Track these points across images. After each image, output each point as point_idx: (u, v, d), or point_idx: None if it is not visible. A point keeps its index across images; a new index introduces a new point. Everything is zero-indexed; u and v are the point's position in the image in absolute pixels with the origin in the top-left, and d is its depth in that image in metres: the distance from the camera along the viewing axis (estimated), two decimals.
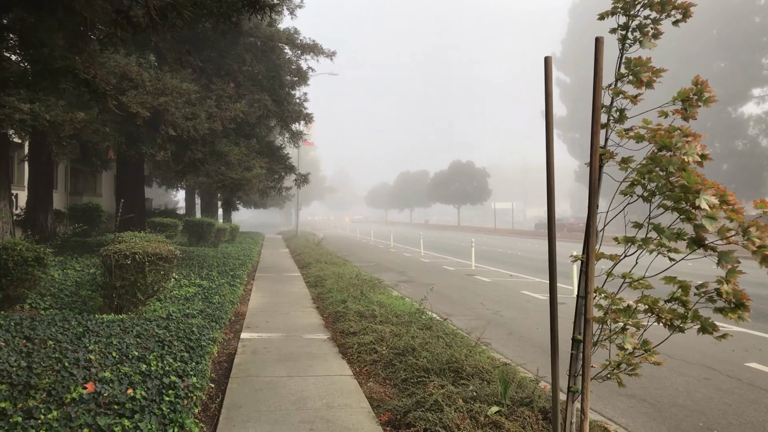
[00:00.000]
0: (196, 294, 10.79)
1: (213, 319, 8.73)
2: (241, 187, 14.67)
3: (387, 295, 11.62)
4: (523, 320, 10.53)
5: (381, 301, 10.25)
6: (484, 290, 14.47)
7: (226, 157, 14.58)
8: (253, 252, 23.54)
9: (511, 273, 18.09)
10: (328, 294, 11.77)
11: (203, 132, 14.06)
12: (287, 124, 16.42)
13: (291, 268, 18.88)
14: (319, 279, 14.36)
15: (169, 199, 76.20)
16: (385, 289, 13.53)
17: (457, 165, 72.80)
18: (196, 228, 23.13)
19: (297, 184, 17.13)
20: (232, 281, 13.17)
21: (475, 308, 11.94)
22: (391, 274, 18.39)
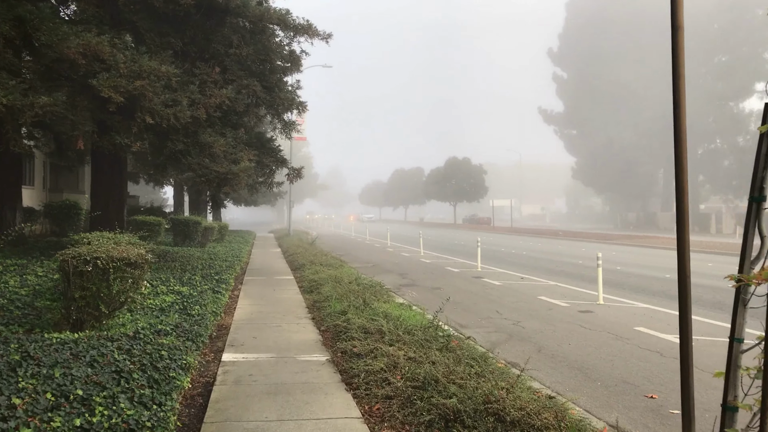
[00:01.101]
0: (174, 303, 9.37)
1: (190, 337, 7.31)
2: (227, 182, 13.24)
3: (392, 303, 10.23)
4: (549, 333, 9.17)
5: (387, 311, 8.86)
6: (497, 295, 13.12)
7: (211, 149, 13.14)
8: (243, 252, 22.10)
9: (521, 275, 16.75)
10: (325, 302, 10.36)
11: (185, 121, 12.62)
12: (279, 113, 14.97)
13: (283, 271, 17.46)
14: (315, 284, 12.95)
15: (158, 196, 74.51)
16: (388, 295, 12.14)
17: (453, 162, 71.39)
18: (182, 227, 21.66)
19: (289, 178, 15.70)
20: (217, 287, 11.75)
21: (491, 317, 10.57)
22: (392, 277, 17.02)
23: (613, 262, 20.81)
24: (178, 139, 13.27)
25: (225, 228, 28.81)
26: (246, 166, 13.04)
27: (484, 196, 71.18)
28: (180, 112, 12.52)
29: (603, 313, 10.73)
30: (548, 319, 10.33)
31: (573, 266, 19.26)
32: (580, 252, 25.92)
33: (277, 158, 15.35)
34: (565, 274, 16.96)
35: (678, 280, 3.07)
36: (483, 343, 8.38)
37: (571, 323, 9.90)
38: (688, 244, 3.07)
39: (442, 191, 72.44)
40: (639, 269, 18.33)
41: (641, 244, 30.22)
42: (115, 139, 12.11)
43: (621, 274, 16.87)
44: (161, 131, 13.36)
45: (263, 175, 15.78)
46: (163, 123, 12.41)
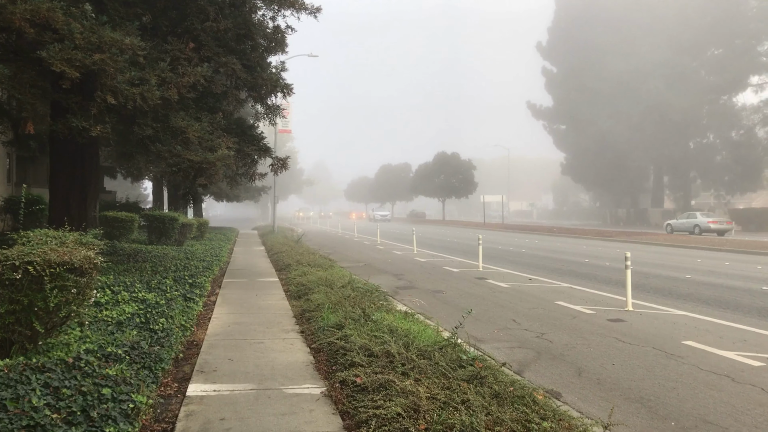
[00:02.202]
0: (136, 315, 7.79)
1: (147, 364, 5.76)
2: (202, 172, 11.64)
3: (395, 314, 8.70)
4: (583, 349, 7.71)
5: (391, 325, 7.35)
6: (508, 300, 11.65)
7: (184, 135, 11.52)
8: (223, 251, 20.46)
9: (528, 276, 15.31)
10: (316, 312, 8.82)
11: (154, 102, 11.01)
12: (261, 97, 13.36)
13: (267, 272, 15.88)
14: (303, 288, 11.39)
15: (138, 192, 72.29)
16: (386, 301, 10.63)
17: (442, 157, 69.84)
18: (157, 223, 19.99)
19: (274, 169, 14.08)
20: (190, 292, 10.16)
21: (509, 328, 9.10)
22: (387, 278, 15.51)
23: (620, 260, 19.46)
24: (147, 123, 11.65)
25: (205, 225, 27.13)
26: (224, 155, 11.44)
27: (473, 192, 69.82)
28: (148, 92, 10.90)
29: (637, 323, 9.30)
30: (576, 330, 8.88)
31: (581, 266, 17.87)
32: (582, 249, 24.58)
33: (260, 147, 13.74)
34: (576, 275, 15.56)
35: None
36: (509, 363, 6.90)
37: (604, 335, 8.45)
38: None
39: (430, 187, 70.94)
40: (654, 269, 16.98)
41: (643, 241, 28.95)
42: (71, 121, 10.45)
43: (638, 275, 15.50)
44: (127, 114, 11.75)
45: (244, 165, 14.16)
46: (128, 104, 10.79)
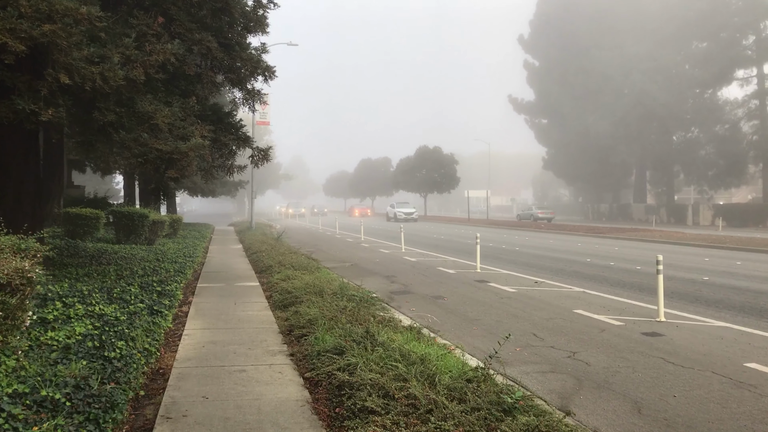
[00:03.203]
0: (89, 336, 6.35)
1: (93, 415, 4.36)
2: (173, 164, 10.17)
3: (402, 331, 7.35)
4: (629, 373, 6.47)
5: (403, 349, 6.02)
6: (520, 308, 10.40)
7: (152, 120, 10.04)
8: (198, 250, 18.95)
9: (532, 278, 14.07)
10: (307, 329, 7.44)
11: (116, 83, 9.54)
12: (240, 79, 11.92)
13: (246, 275, 14.44)
14: (289, 296, 10.00)
15: (110, 187, 69.87)
16: (385, 310, 9.32)
17: (424, 151, 68.43)
18: (125, 220, 18.39)
19: (254, 161, 12.64)
20: (158, 303, 8.73)
21: (533, 345, 7.83)
22: (378, 281, 14.18)
23: (628, 260, 18.38)
24: (108, 107, 10.13)
25: (178, 221, 25.51)
26: (198, 144, 9.99)
27: (456, 187, 68.68)
28: (109, 71, 9.43)
29: (678, 338, 8.09)
30: (610, 347, 7.63)
31: (585, 266, 16.71)
32: (578, 248, 23.49)
33: (239, 136, 12.28)
34: (583, 277, 14.38)
35: None
36: (547, 395, 5.64)
37: (647, 355, 7.22)
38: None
39: (412, 181, 69.56)
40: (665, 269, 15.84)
41: (637, 238, 27.95)
42: (17, 104, 8.91)
43: (652, 277, 14.39)
44: (86, 97, 10.22)
45: (221, 157, 12.69)
46: (86, 85, 9.31)
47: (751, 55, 46.62)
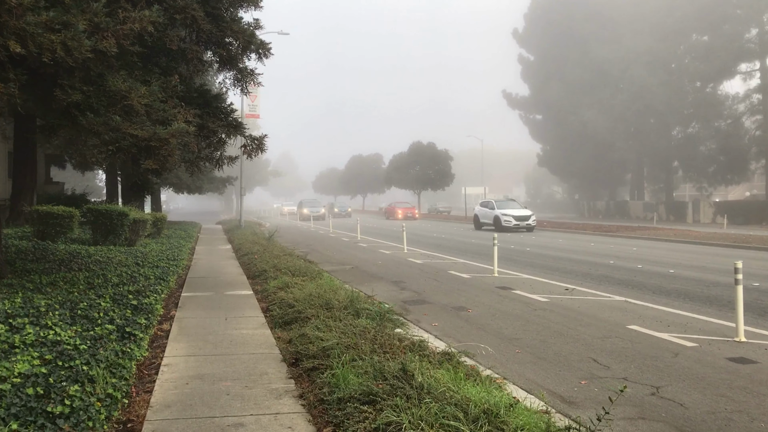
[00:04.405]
0: (32, 379, 4.73)
1: None
2: (151, 153, 8.51)
3: (445, 366, 5.77)
4: (747, 421, 4.96)
5: (455, 396, 4.46)
6: (562, 323, 8.87)
7: (125, 101, 8.40)
8: (183, 252, 17.27)
9: (562, 284, 12.53)
10: (319, 360, 5.84)
11: (83, 56, 7.91)
12: (231, 56, 10.28)
13: (237, 281, 12.81)
14: (290, 310, 8.39)
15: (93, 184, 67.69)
16: (405, 327, 7.76)
17: (417, 147, 66.76)
18: (102, 219, 16.66)
19: (247, 152, 11.00)
20: (131, 322, 7.10)
21: (599, 376, 6.29)
22: (386, 287, 12.61)
23: (653, 262, 16.93)
24: (73, 84, 8.46)
25: (162, 220, 23.77)
26: (180, 128, 8.35)
27: (450, 184, 67.15)
28: (73, 41, 7.80)
29: None
30: (697, 378, 6.11)
31: (612, 269, 15.21)
32: (592, 248, 22.02)
33: (229, 122, 10.63)
34: (617, 282, 12.89)
35: None
36: None
37: (751, 392, 5.70)
38: None
39: (405, 178, 67.90)
40: (701, 273, 14.43)
41: (650, 237, 26.50)
42: None
43: (694, 283, 12.94)
44: (45, 72, 8.52)
45: (208, 146, 11.04)
46: (45, 56, 7.66)
47: (754, 48, 45.43)
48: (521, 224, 32.30)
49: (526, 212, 33.49)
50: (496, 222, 32.99)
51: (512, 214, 32.72)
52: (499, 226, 32.36)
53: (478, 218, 36.34)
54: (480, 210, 36.76)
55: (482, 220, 35.68)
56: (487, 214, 34.89)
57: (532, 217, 33.09)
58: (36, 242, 14.44)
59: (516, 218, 32.44)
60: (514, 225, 32.24)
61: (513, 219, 32.38)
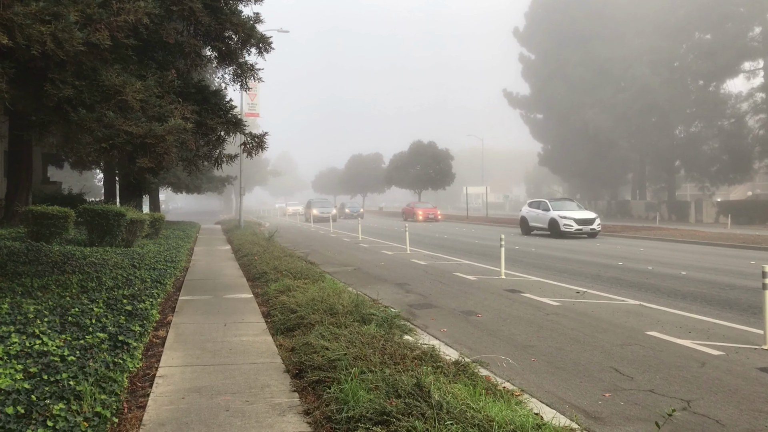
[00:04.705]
0: (12, 396, 4.34)
1: None
2: (146, 150, 8.11)
3: (462, 380, 5.38)
4: None
5: (477, 415, 4.07)
6: (577, 329, 8.48)
7: (120, 96, 8.01)
8: (182, 252, 16.87)
9: (574, 287, 12.12)
10: (324, 371, 5.45)
11: (74, 48, 7.55)
12: (231, 50, 9.88)
13: (236, 283, 12.41)
14: (292, 315, 7.99)
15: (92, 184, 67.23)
16: (414, 333, 7.38)
17: (418, 146, 66.29)
18: (99, 219, 16.25)
19: (247, 149, 10.60)
20: (125, 329, 6.70)
21: (622, 388, 5.90)
22: (389, 289, 12.21)
23: (663, 263, 16.54)
24: (65, 79, 8.06)
25: (160, 220, 23.36)
26: (177, 125, 7.95)
27: (451, 183, 66.75)
28: (64, 33, 7.45)
29: None
30: (729, 391, 5.72)
31: (622, 271, 14.83)
32: (598, 248, 21.61)
33: (228, 119, 10.22)
34: (629, 285, 12.49)
35: None
36: None
37: None
38: None
39: (406, 178, 67.45)
40: (714, 275, 14.05)
41: (657, 237, 26.05)
42: None
43: (708, 285, 12.57)
44: (35, 65, 8.13)
45: (207, 144, 10.64)
46: (34, 49, 7.31)
47: (757, 46, 45.07)
48: (584, 229, 26.68)
49: (589, 214, 27.80)
50: (553, 226, 27.48)
51: (573, 217, 27.01)
52: (557, 231, 27.05)
53: (527, 221, 30.23)
54: (529, 212, 30.46)
55: (532, 224, 29.73)
56: (540, 217, 29.00)
57: (597, 221, 27.39)
58: (29, 243, 14.04)
59: (578, 222, 26.82)
60: (575, 230, 26.62)
61: (574, 223, 26.73)
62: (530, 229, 29.94)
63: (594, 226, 26.86)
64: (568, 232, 26.54)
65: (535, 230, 29.61)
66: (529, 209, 30.59)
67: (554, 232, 27.28)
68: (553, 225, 27.37)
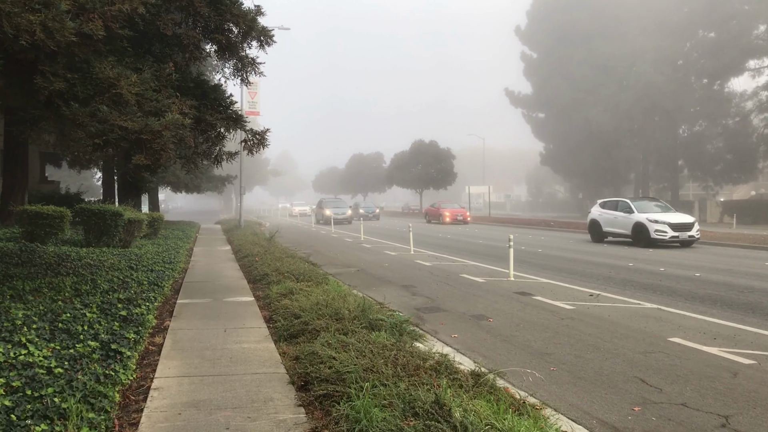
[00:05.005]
0: None
1: None
2: (142, 147, 7.70)
3: (485, 396, 4.97)
4: None
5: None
6: (595, 334, 8.08)
7: (114, 89, 7.60)
8: (180, 253, 16.46)
9: (589, 291, 11.68)
10: (333, 384, 5.04)
11: (65, 38, 7.15)
12: (231, 43, 9.47)
13: (237, 285, 11.99)
14: (296, 321, 7.58)
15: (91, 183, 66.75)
16: (428, 343, 6.98)
17: (419, 145, 65.85)
18: (95, 219, 15.85)
19: (247, 146, 10.18)
20: (119, 337, 6.29)
21: (652, 400, 5.50)
22: (395, 292, 11.81)
23: (674, 264, 16.15)
24: (56, 71, 7.67)
25: (159, 220, 22.94)
26: (174, 120, 7.54)
27: (453, 183, 66.33)
28: (54, 22, 7.04)
29: None
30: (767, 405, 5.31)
31: (633, 272, 14.44)
32: (604, 248, 21.23)
33: (228, 114, 9.81)
34: (643, 287, 12.08)
35: None
36: None
37: None
38: None
39: (407, 177, 67.00)
40: (730, 277, 13.64)
41: None
42: None
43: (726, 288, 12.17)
44: (24, 57, 7.73)
45: (206, 141, 10.23)
46: (23, 39, 6.91)
47: (762, 44, 44.60)
48: (680, 236, 21.43)
49: (686, 218, 22.46)
50: (639, 232, 22.04)
51: (667, 221, 21.62)
52: (644, 239, 21.75)
53: (600, 225, 24.42)
54: (602, 214, 24.53)
55: (606, 229, 24.05)
56: (619, 221, 23.29)
57: (695, 226, 21.99)
58: (23, 244, 13.63)
59: (674, 227, 21.44)
60: (670, 237, 21.31)
61: (669, 228, 21.36)
62: (604, 236, 24.32)
63: (692, 232, 21.59)
64: (661, 240, 21.34)
65: (612, 236, 24.02)
66: (603, 211, 24.60)
67: (640, 239, 21.95)
68: (640, 231, 21.95)
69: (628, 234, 22.68)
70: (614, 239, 24.10)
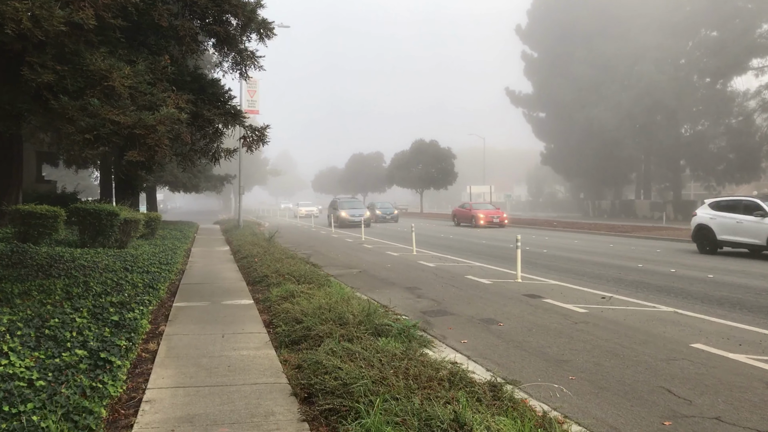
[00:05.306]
0: None
1: None
2: (135, 142, 7.29)
3: (508, 412, 4.57)
4: None
5: None
6: (612, 340, 7.69)
7: (105, 82, 7.19)
8: (178, 254, 16.06)
9: (600, 292, 11.28)
10: (339, 397, 4.64)
11: (55, 28, 6.80)
12: (230, 35, 9.06)
13: (236, 287, 11.58)
14: (298, 327, 7.18)
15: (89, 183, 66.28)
16: (438, 351, 6.59)
17: (420, 145, 65.42)
18: (90, 219, 15.44)
19: (247, 143, 9.77)
20: (109, 344, 5.89)
21: (682, 414, 5.12)
22: (399, 294, 11.40)
23: (686, 266, 15.76)
24: (44, 63, 7.26)
25: (157, 220, 22.51)
26: (169, 114, 7.13)
27: (453, 183, 65.91)
28: (42, 10, 6.68)
29: None
30: None
31: (643, 273, 14.06)
32: (612, 249, 20.85)
33: (226, 110, 9.40)
34: (656, 289, 11.70)
35: None
36: None
37: None
38: None
39: (408, 177, 66.55)
40: (744, 278, 13.25)
41: (670, 237, 25.27)
42: None
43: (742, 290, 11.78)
44: (11, 48, 7.34)
45: (203, 137, 9.82)
46: (8, 27, 6.56)
47: (766, 43, 44.22)
48: None
49: None
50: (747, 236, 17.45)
51: None
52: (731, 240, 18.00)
53: (712, 233, 18.75)
54: (716, 217, 18.79)
55: (721, 237, 18.45)
56: (743, 227, 17.60)
57: None
58: (15, 245, 13.23)
59: None
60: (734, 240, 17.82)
61: None
62: (718, 245, 18.73)
63: None
64: None
65: (729, 245, 18.46)
66: (717, 213, 18.82)
67: (737, 242, 17.85)
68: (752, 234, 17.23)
69: (757, 243, 17.16)
70: (734, 249, 18.75)
